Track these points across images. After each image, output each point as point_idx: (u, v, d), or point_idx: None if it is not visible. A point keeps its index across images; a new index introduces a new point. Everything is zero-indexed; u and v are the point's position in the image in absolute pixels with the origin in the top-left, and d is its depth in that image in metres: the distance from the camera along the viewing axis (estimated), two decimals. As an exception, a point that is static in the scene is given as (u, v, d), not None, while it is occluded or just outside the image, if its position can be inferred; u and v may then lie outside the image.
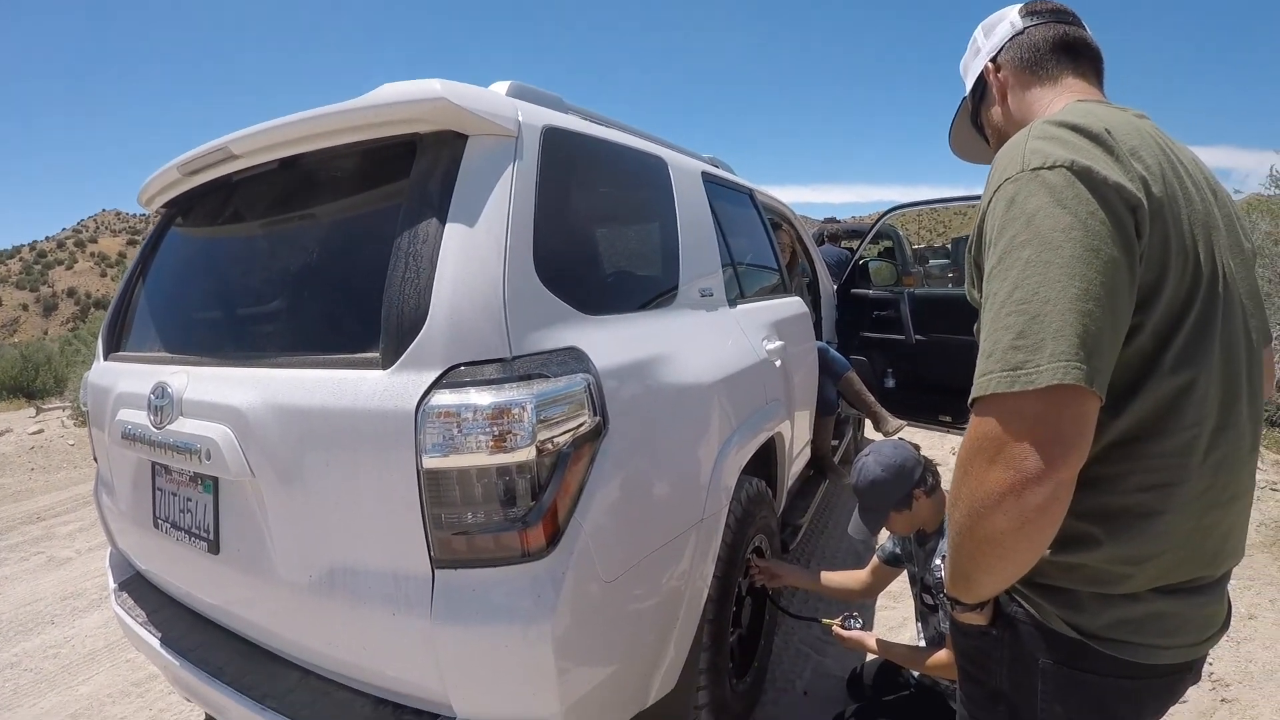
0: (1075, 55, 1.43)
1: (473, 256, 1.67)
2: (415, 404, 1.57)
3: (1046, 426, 0.98)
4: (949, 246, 10.46)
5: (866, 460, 2.56)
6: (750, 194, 4.04)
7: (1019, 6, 1.50)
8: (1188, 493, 1.13)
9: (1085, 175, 1.05)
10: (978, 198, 5.42)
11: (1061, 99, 1.37)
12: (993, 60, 1.50)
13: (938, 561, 2.44)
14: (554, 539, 1.63)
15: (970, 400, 1.08)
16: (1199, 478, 1.13)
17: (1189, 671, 1.27)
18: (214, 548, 2.01)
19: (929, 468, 2.56)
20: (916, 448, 2.69)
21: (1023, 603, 1.23)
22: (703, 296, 2.69)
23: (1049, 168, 1.07)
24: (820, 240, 7.65)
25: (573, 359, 1.76)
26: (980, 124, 1.62)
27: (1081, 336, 0.98)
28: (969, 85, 1.61)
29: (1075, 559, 1.15)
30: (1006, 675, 1.26)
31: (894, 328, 5.41)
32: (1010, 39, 1.47)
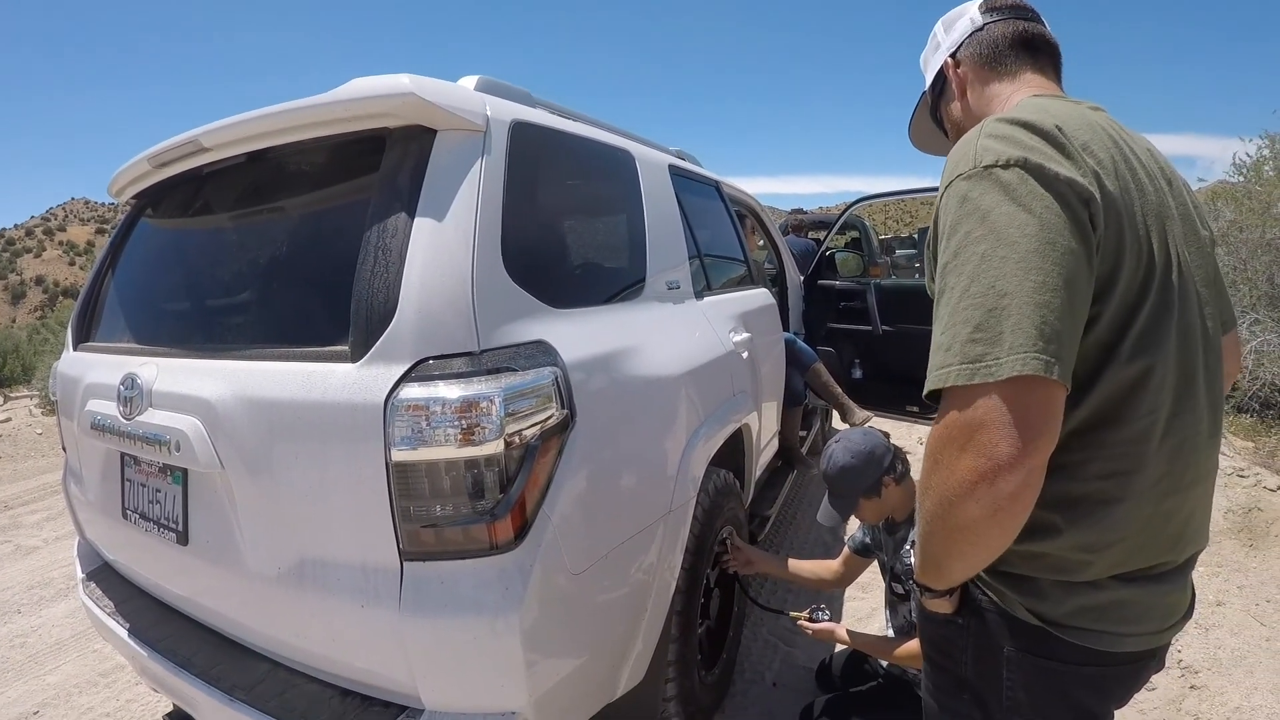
0: (1034, 51, 1.45)
1: (441, 251, 1.68)
2: (384, 397, 1.59)
3: (1014, 415, 1.00)
4: (915, 237, 10.55)
5: (835, 447, 2.57)
6: (717, 186, 4.05)
7: (979, 2, 1.52)
8: (1145, 479, 1.15)
9: (1038, 172, 1.07)
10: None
11: (1019, 94, 1.39)
12: (952, 55, 1.52)
13: (907, 548, 2.47)
14: (522, 531, 1.64)
15: (926, 393, 1.10)
16: (1155, 464, 1.15)
17: (1152, 659, 1.30)
18: (183, 539, 2.01)
19: (898, 455, 2.58)
20: (886, 435, 2.72)
21: (987, 591, 1.24)
22: (670, 289, 2.70)
23: (1002, 165, 1.09)
24: (785, 232, 7.69)
25: (540, 352, 1.77)
26: (940, 118, 1.64)
27: (1040, 328, 1.00)
28: (929, 80, 1.63)
29: (1037, 547, 1.17)
30: (972, 663, 1.28)
31: (861, 319, 5.44)
32: (970, 35, 1.49)
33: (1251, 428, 5.44)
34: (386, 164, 1.81)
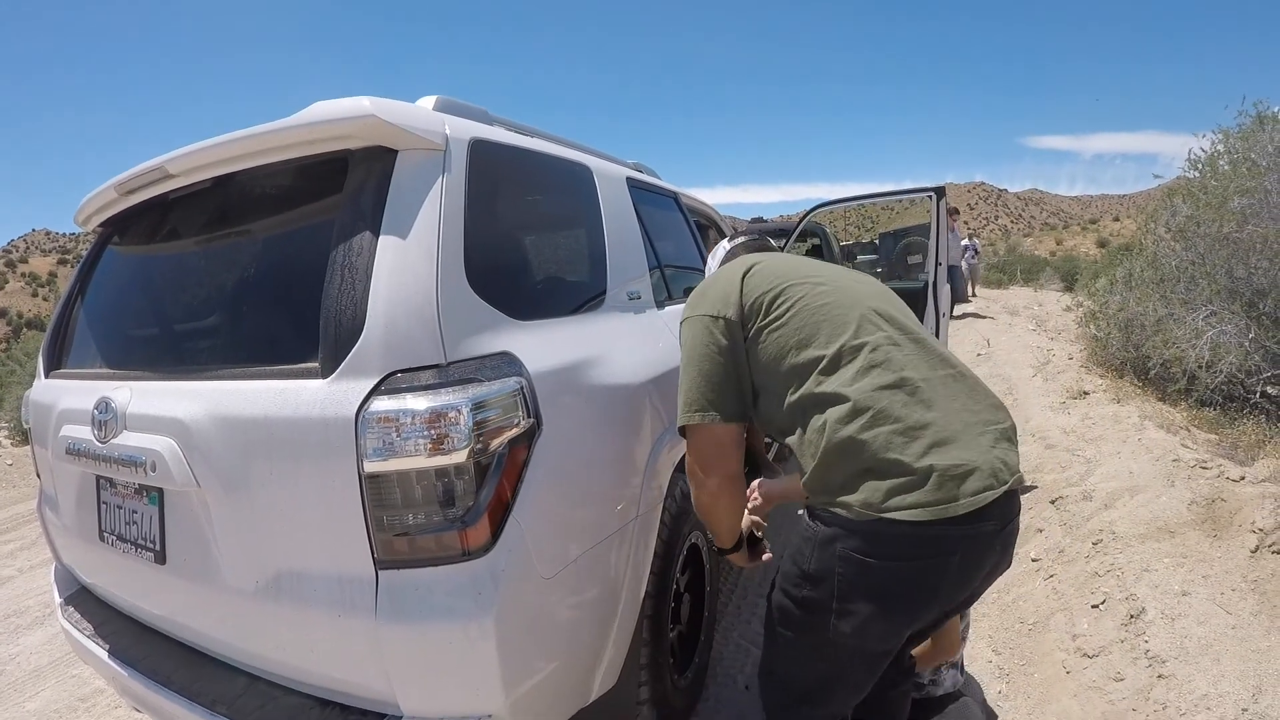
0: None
1: (406, 267, 1.73)
2: (355, 410, 1.63)
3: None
4: (876, 242, 10.67)
5: None
6: (675, 197, 4.09)
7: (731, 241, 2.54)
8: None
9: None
10: (900, 193, 5.56)
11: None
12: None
13: None
14: (493, 537, 1.69)
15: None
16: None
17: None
18: (160, 558, 2.04)
19: None
20: None
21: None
22: (631, 299, 2.75)
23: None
24: None
25: (505, 363, 1.83)
26: None
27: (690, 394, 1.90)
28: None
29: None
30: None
31: None
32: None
33: (1215, 420, 5.50)
34: (350, 184, 1.86)
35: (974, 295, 18.96)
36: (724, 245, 2.51)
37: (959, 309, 15.02)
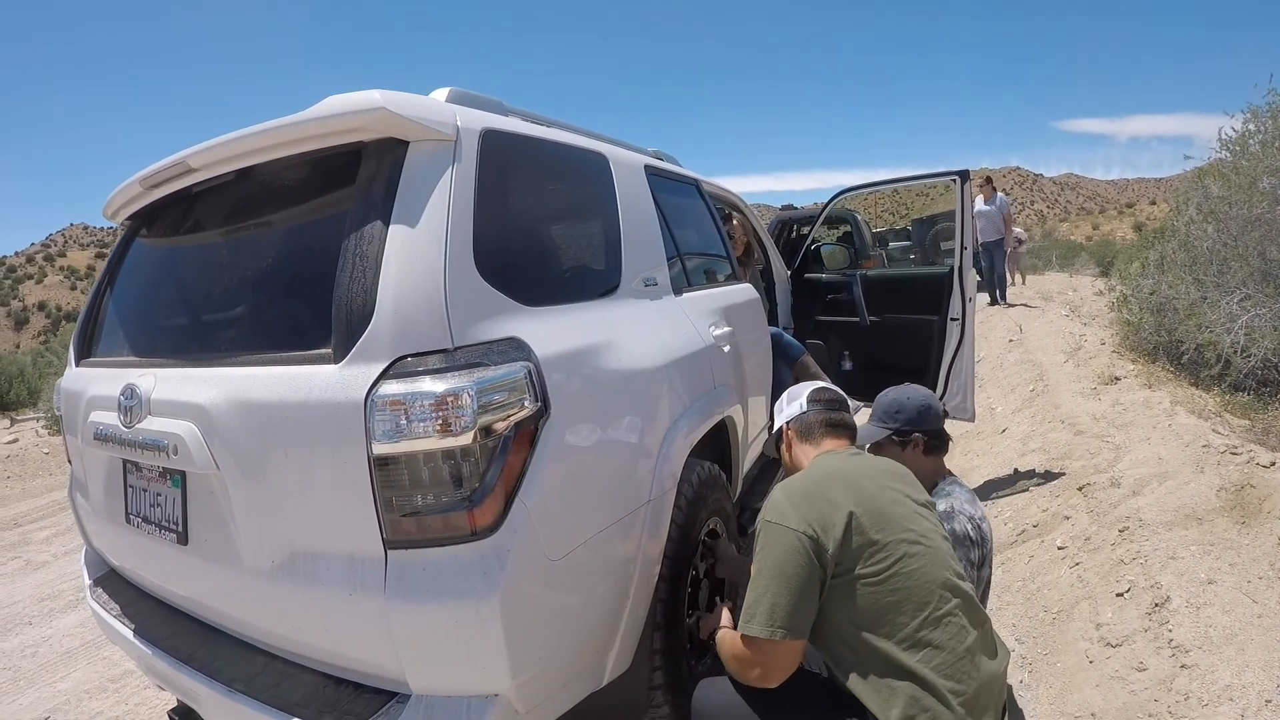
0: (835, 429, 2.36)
1: (415, 255, 1.76)
2: (364, 394, 1.67)
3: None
4: (909, 229, 10.54)
5: (911, 389, 2.75)
6: (696, 185, 4.07)
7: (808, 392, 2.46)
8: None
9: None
10: (924, 177, 5.51)
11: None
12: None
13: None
14: (500, 518, 1.72)
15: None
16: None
17: None
18: (183, 539, 2.09)
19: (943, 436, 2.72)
20: None
21: None
22: (646, 286, 2.76)
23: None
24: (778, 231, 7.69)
25: (513, 348, 1.85)
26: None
27: (773, 610, 1.83)
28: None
29: None
30: None
31: (848, 310, 5.48)
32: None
33: (1248, 405, 5.40)
34: (362, 176, 1.90)
35: (1019, 282, 18.03)
36: (801, 401, 2.44)
37: (1012, 295, 14.44)
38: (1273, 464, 4.12)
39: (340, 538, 1.78)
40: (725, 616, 2.31)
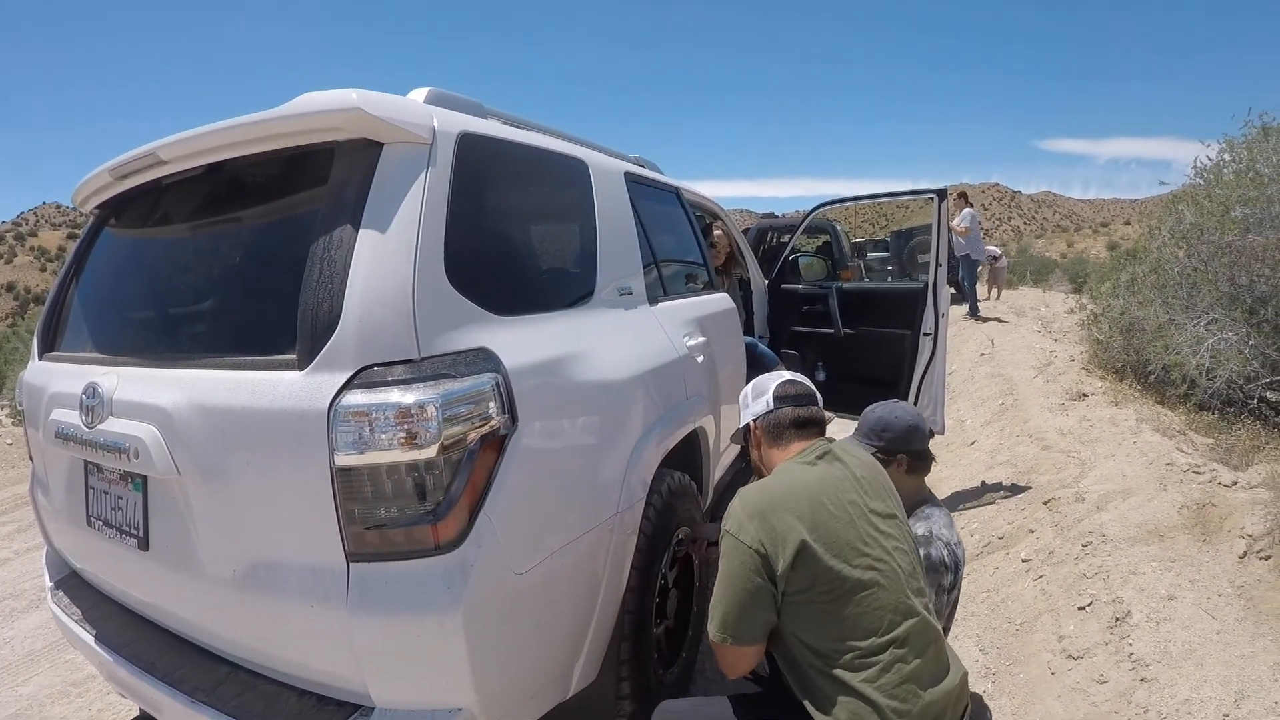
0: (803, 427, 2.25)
1: (384, 261, 1.74)
2: (328, 404, 1.64)
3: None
4: (888, 240, 10.63)
5: (897, 407, 2.72)
6: (676, 192, 4.06)
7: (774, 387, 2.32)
8: None
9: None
10: (903, 194, 5.58)
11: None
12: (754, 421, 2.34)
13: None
14: (464, 532, 1.71)
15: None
16: None
17: None
18: (144, 544, 2.06)
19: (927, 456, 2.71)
20: None
21: None
22: (621, 295, 2.75)
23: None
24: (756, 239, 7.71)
25: (481, 359, 1.83)
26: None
27: (725, 618, 1.89)
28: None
29: None
30: None
31: (824, 321, 5.51)
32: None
33: (1213, 424, 5.48)
34: (334, 177, 1.87)
35: (993, 298, 18.25)
36: (767, 397, 2.31)
37: (985, 309, 14.50)
38: (1234, 483, 4.18)
39: (302, 548, 1.75)
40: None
